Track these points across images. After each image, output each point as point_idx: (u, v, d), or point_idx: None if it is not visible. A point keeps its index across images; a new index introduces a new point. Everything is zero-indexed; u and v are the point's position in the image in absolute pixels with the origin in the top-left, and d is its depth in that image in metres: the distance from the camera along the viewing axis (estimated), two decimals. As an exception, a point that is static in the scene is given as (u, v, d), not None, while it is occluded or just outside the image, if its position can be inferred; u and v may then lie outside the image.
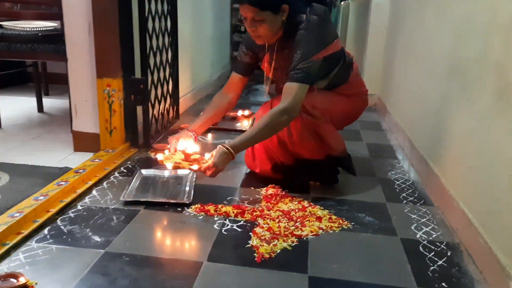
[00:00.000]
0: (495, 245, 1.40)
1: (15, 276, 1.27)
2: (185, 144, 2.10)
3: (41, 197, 1.78)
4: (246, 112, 3.43)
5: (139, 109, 2.52)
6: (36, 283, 1.30)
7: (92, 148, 2.47)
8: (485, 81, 1.58)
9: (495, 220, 1.42)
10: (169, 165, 1.95)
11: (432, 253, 1.58)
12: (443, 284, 1.40)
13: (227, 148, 1.87)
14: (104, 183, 2.06)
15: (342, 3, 5.67)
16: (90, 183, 2.02)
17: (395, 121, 3.07)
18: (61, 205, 1.79)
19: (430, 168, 2.12)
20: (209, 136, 2.92)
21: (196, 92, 4.02)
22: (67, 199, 1.84)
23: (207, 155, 1.95)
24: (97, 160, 2.25)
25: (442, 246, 1.63)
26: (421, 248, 1.61)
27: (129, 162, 2.34)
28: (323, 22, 1.89)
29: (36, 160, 2.33)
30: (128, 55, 2.39)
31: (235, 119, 3.36)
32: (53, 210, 1.74)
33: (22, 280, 1.25)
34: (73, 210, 1.79)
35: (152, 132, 2.61)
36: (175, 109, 3.08)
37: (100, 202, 1.86)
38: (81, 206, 1.83)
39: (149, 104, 2.52)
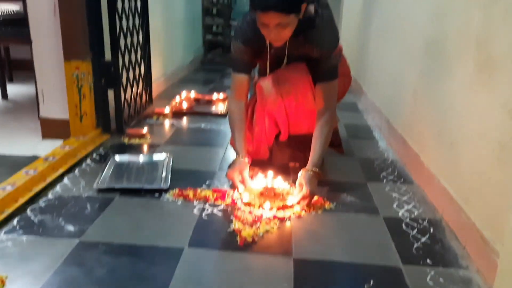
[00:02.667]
0: (478, 220, 1.39)
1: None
2: (259, 180, 1.87)
3: (9, 187, 1.69)
4: (221, 96, 3.35)
5: (111, 93, 2.42)
6: (7, 277, 1.23)
7: (62, 135, 2.37)
8: (466, 55, 1.56)
9: (477, 195, 1.41)
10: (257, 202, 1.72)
11: (415, 231, 1.57)
12: (428, 260, 1.39)
13: (312, 171, 1.79)
14: (76, 171, 1.98)
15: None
16: (61, 170, 1.92)
17: (372, 101, 3.06)
18: (31, 194, 1.70)
19: (409, 146, 2.11)
20: (184, 120, 2.84)
21: (169, 76, 3.92)
22: (37, 188, 1.75)
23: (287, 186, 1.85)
24: (67, 147, 2.15)
25: (424, 223, 1.63)
26: (404, 226, 1.60)
27: (101, 149, 2.25)
28: (332, 14, 1.88)
29: (1, 149, 2.22)
30: (97, 37, 2.29)
31: (210, 102, 3.29)
32: (22, 200, 1.65)
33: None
34: (43, 199, 1.70)
35: (125, 117, 2.52)
36: (148, 93, 2.99)
37: (72, 191, 1.78)
38: (52, 195, 1.74)
39: (121, 87, 2.42)
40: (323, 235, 1.53)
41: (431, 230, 1.58)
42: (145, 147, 2.32)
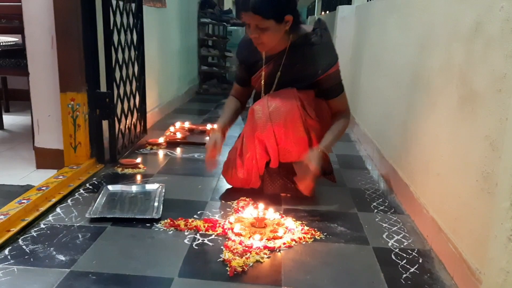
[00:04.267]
0: (465, 250, 1.41)
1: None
2: (249, 210, 1.91)
3: (1, 216, 1.70)
4: (216, 126, 3.38)
5: (105, 124, 2.46)
6: (-4, 308, 1.23)
7: (56, 165, 2.39)
8: (449, 89, 1.62)
9: (463, 225, 1.44)
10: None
11: (404, 261, 1.58)
12: (416, 291, 1.40)
13: (321, 150, 1.94)
14: (69, 200, 1.99)
15: (308, 18, 5.75)
16: (54, 200, 1.94)
17: (364, 132, 3.11)
18: (23, 224, 1.71)
19: (399, 177, 2.15)
20: (178, 150, 2.87)
21: (164, 107, 3.97)
22: (29, 218, 1.76)
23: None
24: (61, 176, 2.16)
25: (413, 253, 1.64)
26: (393, 256, 1.61)
27: (94, 178, 2.27)
28: (330, 36, 2.05)
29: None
30: (93, 69, 2.34)
31: (204, 132, 3.33)
32: (14, 230, 1.66)
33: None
34: (35, 229, 1.71)
35: (119, 147, 2.55)
36: (142, 123, 3.02)
37: (64, 220, 1.79)
38: (44, 224, 1.75)
39: (115, 118, 2.46)
40: (312, 265, 1.54)
41: (420, 260, 1.59)
42: (138, 177, 2.34)
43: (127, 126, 2.69)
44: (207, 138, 3.16)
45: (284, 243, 1.66)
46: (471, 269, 1.34)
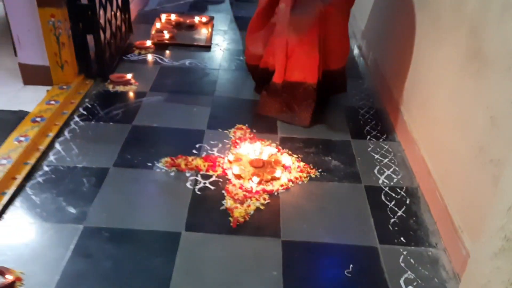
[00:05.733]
0: (450, 205, 1.53)
1: (1, 272, 1.30)
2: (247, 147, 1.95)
3: (4, 161, 1.72)
4: (204, 19, 3.22)
5: (89, 36, 2.32)
6: (22, 273, 1.34)
7: (43, 81, 2.32)
8: (459, 34, 1.55)
9: (454, 182, 1.53)
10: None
11: (393, 202, 1.71)
12: (402, 239, 1.55)
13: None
14: (66, 132, 1.99)
15: None
16: (51, 135, 1.94)
17: (360, 28, 3.00)
18: (27, 168, 1.74)
19: (394, 99, 2.16)
20: (167, 54, 2.77)
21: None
22: (32, 160, 1.78)
23: None
24: (52, 102, 2.13)
25: (402, 192, 1.76)
26: (383, 197, 1.73)
27: (87, 100, 2.23)
28: None
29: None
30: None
31: (192, 27, 3.16)
32: (20, 177, 1.70)
33: (9, 278, 1.28)
34: (40, 173, 1.75)
35: (106, 58, 2.45)
36: (126, 22, 2.85)
37: (66, 160, 1.82)
38: (47, 166, 1.79)
39: (100, 30, 2.32)
40: (308, 211, 1.65)
41: (407, 201, 1.72)
42: (131, 95, 2.31)
43: (112, 32, 2.54)
44: (196, 35, 3.04)
45: (281, 185, 1.75)
46: (453, 224, 1.47)
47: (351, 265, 1.44)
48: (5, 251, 1.41)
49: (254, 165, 1.82)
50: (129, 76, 2.41)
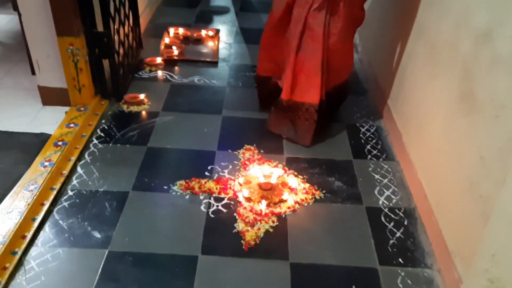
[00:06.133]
0: (444, 229, 1.67)
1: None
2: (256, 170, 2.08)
3: (32, 187, 1.87)
4: (210, 33, 3.33)
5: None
6: (56, 297, 1.49)
7: (62, 102, 2.45)
8: (452, 72, 1.67)
9: (447, 207, 1.66)
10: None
11: (392, 224, 1.85)
12: (400, 260, 1.70)
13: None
14: (86, 155, 2.13)
15: None
16: (73, 159, 2.08)
17: (362, 46, 3.11)
18: (53, 193, 1.89)
19: (393, 119, 2.29)
20: (176, 71, 2.90)
21: (152, 1, 3.78)
22: (57, 185, 1.92)
23: None
24: (72, 125, 2.27)
25: (400, 213, 1.90)
26: (382, 218, 1.87)
27: (103, 121, 2.37)
28: None
29: (4, 119, 2.33)
30: (87, 8, 2.24)
31: (199, 40, 3.28)
32: (47, 203, 1.84)
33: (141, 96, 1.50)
34: (65, 198, 1.89)
35: (120, 78, 2.57)
36: (137, 39, 2.97)
37: (88, 184, 1.96)
38: (71, 190, 1.93)
39: (115, 55, 2.44)
40: (314, 233, 1.80)
41: (405, 222, 1.86)
42: (144, 115, 2.44)
43: (125, 51, 2.66)
44: (204, 49, 3.16)
45: (289, 207, 1.89)
46: (447, 248, 1.61)
47: (354, 286, 1.59)
48: (40, 276, 1.56)
49: (263, 188, 1.96)
50: (142, 96, 2.54)
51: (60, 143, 2.14)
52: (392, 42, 2.45)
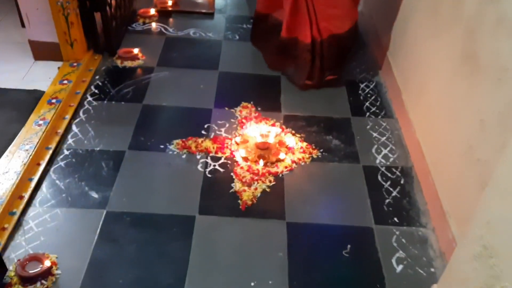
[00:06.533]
0: (440, 190, 1.67)
1: (39, 259, 1.47)
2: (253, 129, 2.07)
3: (27, 147, 1.85)
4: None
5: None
6: (57, 257, 1.51)
7: (54, 57, 2.39)
8: (455, 34, 1.62)
9: (444, 168, 1.66)
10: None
11: (388, 182, 1.86)
12: (395, 219, 1.71)
13: None
14: (81, 113, 2.10)
15: None
16: (68, 117, 2.05)
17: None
18: (49, 153, 1.87)
19: (393, 75, 2.24)
20: (171, 23, 2.80)
21: None
22: (53, 145, 1.91)
23: None
24: (65, 81, 2.22)
25: (397, 172, 1.90)
26: (379, 177, 1.88)
27: (97, 77, 2.32)
28: None
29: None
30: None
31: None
32: (44, 162, 1.83)
33: (47, 264, 1.45)
34: (61, 157, 1.88)
35: (113, 31, 2.49)
36: (130, -10, 2.85)
37: (84, 143, 1.95)
38: (67, 149, 1.92)
39: (107, 8, 2.35)
40: (310, 193, 1.80)
41: (402, 181, 1.86)
42: (139, 70, 2.39)
43: (117, 3, 2.56)
44: (198, 0, 3.04)
45: (286, 167, 1.89)
46: (442, 209, 1.63)
47: (349, 246, 1.62)
48: (39, 237, 1.58)
49: (260, 147, 1.94)
50: (136, 51, 2.47)
51: (54, 100, 2.10)
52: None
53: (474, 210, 1.14)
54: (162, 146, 1.96)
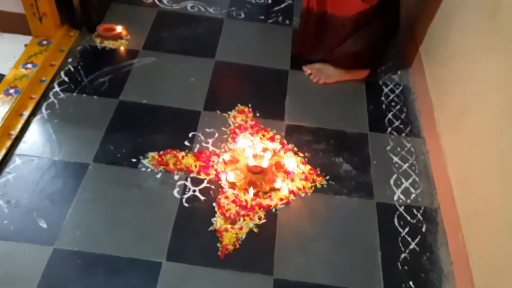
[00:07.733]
0: (473, 255, 1.31)
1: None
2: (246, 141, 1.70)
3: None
4: None
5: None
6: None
7: (22, 30, 2.02)
8: None
9: (481, 232, 1.29)
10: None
11: (407, 229, 1.50)
12: (410, 283, 1.37)
13: None
14: (43, 108, 1.75)
15: None
16: (26, 114, 1.71)
17: None
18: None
19: (426, 83, 1.83)
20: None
21: None
22: (2, 152, 1.58)
23: None
24: (29, 65, 1.86)
25: (418, 215, 1.54)
26: (396, 221, 1.52)
27: (70, 60, 1.94)
28: None
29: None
30: None
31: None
32: (-12, 175, 1.51)
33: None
34: (10, 168, 1.55)
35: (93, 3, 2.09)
36: None
37: (41, 149, 1.61)
38: (19, 157, 1.58)
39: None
40: (308, 237, 1.46)
41: (423, 228, 1.51)
42: (121, 54, 2.01)
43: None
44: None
45: (281, 199, 1.54)
46: (471, 279, 1.28)
47: (349, 319, 1.29)
48: None
49: (252, 171, 1.59)
50: (119, 28, 2.07)
51: (11, 90, 1.75)
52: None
53: None
54: (134, 160, 1.61)
